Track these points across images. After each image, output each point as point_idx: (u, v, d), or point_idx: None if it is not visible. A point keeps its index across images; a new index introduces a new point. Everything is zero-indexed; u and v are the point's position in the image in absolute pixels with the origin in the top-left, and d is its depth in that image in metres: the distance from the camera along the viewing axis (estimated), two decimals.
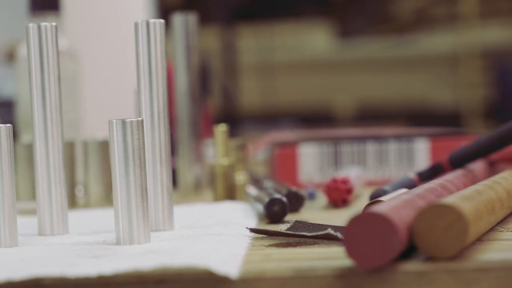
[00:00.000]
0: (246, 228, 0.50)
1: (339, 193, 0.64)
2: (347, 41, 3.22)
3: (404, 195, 0.44)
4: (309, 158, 0.79)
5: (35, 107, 0.54)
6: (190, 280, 0.40)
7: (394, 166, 0.79)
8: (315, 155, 0.79)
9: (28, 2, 0.85)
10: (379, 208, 0.39)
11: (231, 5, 3.07)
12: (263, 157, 0.94)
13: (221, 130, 0.68)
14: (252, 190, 0.64)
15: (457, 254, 0.40)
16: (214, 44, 2.94)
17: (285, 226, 0.49)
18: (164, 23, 0.55)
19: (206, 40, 2.65)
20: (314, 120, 2.91)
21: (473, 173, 0.59)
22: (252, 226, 0.53)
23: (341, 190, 0.64)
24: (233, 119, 2.63)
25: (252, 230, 0.50)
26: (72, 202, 0.71)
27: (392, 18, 3.24)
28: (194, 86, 0.77)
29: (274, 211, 0.56)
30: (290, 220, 0.52)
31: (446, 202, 0.40)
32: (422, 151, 0.79)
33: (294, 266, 0.40)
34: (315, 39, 3.20)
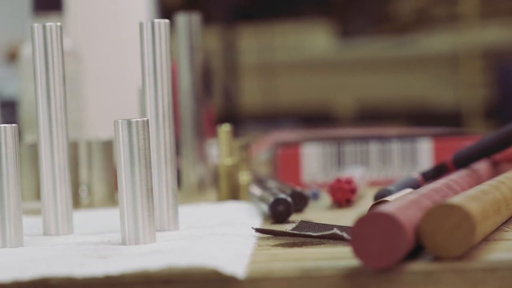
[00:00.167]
0: (251, 228, 0.50)
1: (343, 193, 0.64)
2: (348, 41, 3.22)
3: (410, 195, 0.44)
4: (312, 158, 0.79)
5: (40, 107, 0.54)
6: (197, 280, 0.40)
7: (398, 166, 0.79)
8: (318, 155, 0.79)
9: (31, 2, 0.85)
10: (386, 208, 0.39)
11: (232, 5, 3.07)
12: (266, 157, 0.94)
13: (225, 130, 0.68)
14: (256, 190, 0.64)
15: (464, 254, 0.40)
16: (215, 44, 2.94)
17: (290, 226, 0.49)
18: (169, 23, 0.55)
19: (206, 40, 2.64)
20: (314, 120, 2.91)
21: (477, 173, 0.59)
22: (257, 226, 0.53)
23: (345, 190, 0.64)
24: (233, 119, 2.63)
25: (257, 230, 0.50)
26: (75, 202, 0.71)
27: (392, 18, 3.24)
28: (198, 86, 0.77)
29: (279, 211, 0.56)
30: (295, 220, 0.52)
31: (453, 202, 0.40)
32: (426, 151, 0.79)
33: (301, 266, 0.40)
34: (316, 39, 3.20)
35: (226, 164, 0.68)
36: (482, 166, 0.61)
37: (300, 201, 0.61)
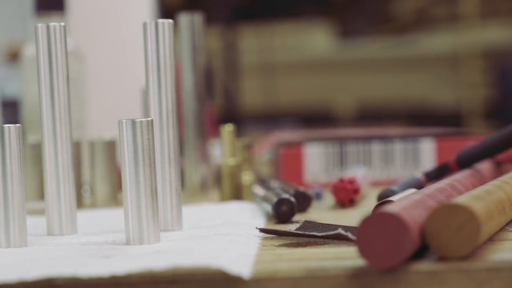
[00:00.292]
0: (255, 228, 0.51)
1: (346, 193, 0.64)
2: (348, 41, 3.22)
3: (414, 195, 0.44)
4: (314, 158, 0.79)
5: (44, 107, 0.54)
6: (203, 280, 0.40)
7: (400, 166, 0.79)
8: (321, 155, 0.79)
9: (33, 2, 0.85)
10: (391, 208, 0.39)
11: (232, 5, 3.07)
12: (268, 157, 0.94)
13: (227, 130, 0.68)
14: (259, 190, 0.64)
15: (469, 254, 0.40)
16: (215, 44, 2.94)
17: (294, 226, 0.49)
18: (172, 23, 0.55)
19: (207, 40, 2.64)
20: (314, 120, 2.91)
21: (480, 173, 0.59)
22: (260, 226, 0.53)
23: (348, 190, 0.64)
24: (234, 119, 2.63)
25: (261, 230, 0.50)
26: (78, 202, 0.70)
27: (392, 18, 3.24)
28: (200, 86, 0.77)
29: (283, 211, 0.56)
30: (299, 220, 0.52)
31: (458, 202, 0.40)
32: (428, 151, 0.79)
33: (306, 266, 0.40)
34: (316, 39, 3.20)
35: (229, 164, 0.68)
36: (485, 166, 0.61)
37: (303, 201, 0.61)
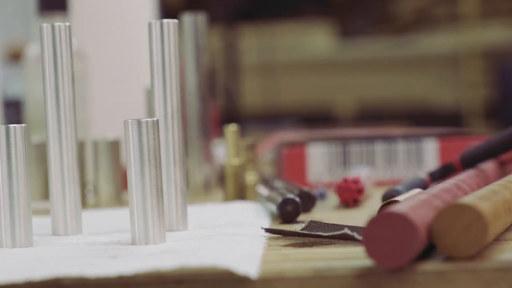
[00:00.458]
0: (261, 228, 0.50)
1: (351, 193, 0.64)
2: (348, 41, 3.22)
3: (420, 195, 0.44)
4: (317, 158, 0.79)
5: (49, 107, 0.54)
6: (210, 280, 0.40)
7: (403, 166, 0.79)
8: (324, 155, 0.79)
9: (36, 2, 0.85)
10: (398, 208, 0.39)
11: (233, 5, 3.07)
12: (270, 157, 0.94)
13: (231, 130, 0.68)
14: (263, 190, 0.64)
15: (476, 254, 0.40)
16: (216, 44, 2.94)
17: (299, 226, 0.49)
18: (177, 23, 0.55)
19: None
20: (315, 120, 2.91)
21: (485, 173, 0.59)
22: (266, 226, 0.53)
23: (352, 190, 0.64)
24: (234, 119, 2.63)
25: (267, 230, 0.50)
26: (82, 202, 0.70)
27: (393, 18, 3.24)
28: (203, 86, 0.77)
29: (287, 211, 0.56)
30: (304, 220, 0.52)
31: (465, 202, 0.40)
32: (431, 151, 0.79)
33: (312, 266, 0.40)
34: (316, 39, 3.20)
35: (233, 164, 0.68)
36: (489, 166, 0.61)
37: (308, 201, 0.61)
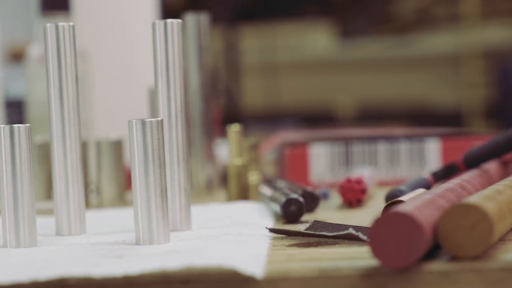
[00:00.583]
0: (265, 228, 0.50)
1: (354, 193, 0.64)
2: (349, 41, 3.22)
3: (425, 195, 0.44)
4: (320, 158, 0.79)
5: (53, 107, 0.54)
6: (216, 280, 0.40)
7: (406, 166, 0.79)
8: (326, 155, 0.79)
9: (38, 2, 0.85)
10: (404, 207, 0.39)
11: (234, 5, 3.07)
12: (272, 157, 0.94)
13: (234, 130, 0.68)
14: (266, 190, 0.64)
15: (481, 254, 0.40)
16: (217, 44, 2.94)
17: (304, 226, 0.49)
18: (181, 23, 0.55)
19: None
20: (316, 120, 2.91)
21: (488, 173, 0.59)
22: (270, 226, 0.53)
23: (355, 190, 0.64)
24: (235, 119, 2.63)
25: (271, 230, 0.50)
26: (85, 202, 0.70)
27: (393, 18, 3.24)
28: (206, 86, 0.77)
29: (291, 211, 0.56)
30: (308, 220, 0.52)
31: (470, 202, 0.40)
32: (434, 151, 0.79)
33: (318, 266, 0.40)
34: (317, 39, 3.20)
35: (236, 164, 0.68)
36: (492, 166, 0.61)
37: (311, 201, 0.61)
